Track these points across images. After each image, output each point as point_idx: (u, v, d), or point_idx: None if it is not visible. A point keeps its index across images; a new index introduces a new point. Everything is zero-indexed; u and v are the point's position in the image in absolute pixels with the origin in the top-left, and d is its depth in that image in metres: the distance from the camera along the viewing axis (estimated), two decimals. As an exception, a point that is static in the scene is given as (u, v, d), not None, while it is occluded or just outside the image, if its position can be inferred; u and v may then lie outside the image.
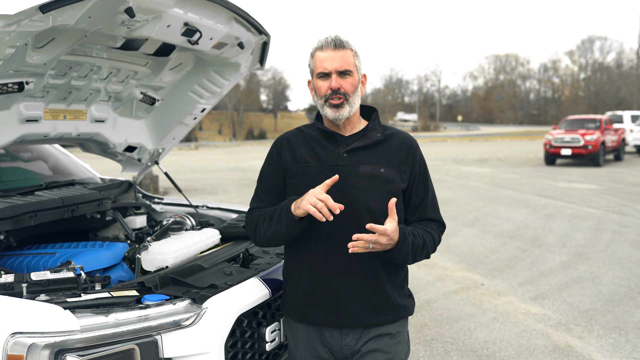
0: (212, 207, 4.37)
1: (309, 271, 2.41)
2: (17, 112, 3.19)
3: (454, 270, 7.55)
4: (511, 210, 12.16)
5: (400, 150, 2.48)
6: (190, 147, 52.35)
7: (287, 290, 2.56)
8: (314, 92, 2.49)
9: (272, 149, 2.59)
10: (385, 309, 2.42)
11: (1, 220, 3.00)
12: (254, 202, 2.60)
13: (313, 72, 2.45)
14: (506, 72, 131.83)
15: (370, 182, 2.38)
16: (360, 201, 2.35)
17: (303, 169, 2.44)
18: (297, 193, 2.35)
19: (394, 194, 2.37)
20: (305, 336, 2.47)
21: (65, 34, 2.73)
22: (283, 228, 2.34)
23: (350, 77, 2.39)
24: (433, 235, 2.46)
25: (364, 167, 2.40)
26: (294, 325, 2.53)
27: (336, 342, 2.42)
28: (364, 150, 2.43)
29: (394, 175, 2.42)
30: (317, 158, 2.44)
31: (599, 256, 8.13)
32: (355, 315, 2.38)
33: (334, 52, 2.37)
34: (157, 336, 2.18)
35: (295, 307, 2.49)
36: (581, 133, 23.21)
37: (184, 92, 3.93)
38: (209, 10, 3.01)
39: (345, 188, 2.34)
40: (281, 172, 2.51)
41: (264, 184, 2.57)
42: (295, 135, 2.58)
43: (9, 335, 1.98)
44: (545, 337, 5.22)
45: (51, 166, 4.60)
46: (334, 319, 2.39)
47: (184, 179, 19.99)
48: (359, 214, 2.34)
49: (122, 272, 3.21)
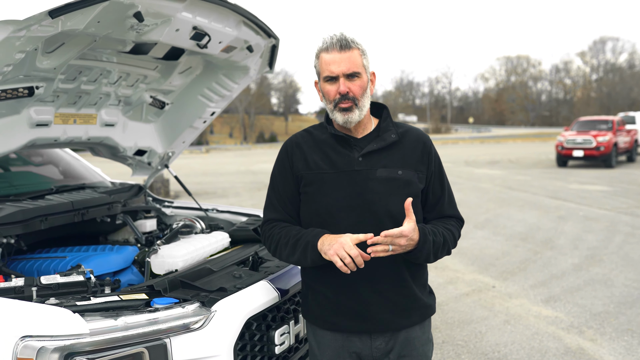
0: (222, 211, 4.37)
1: (334, 280, 2.32)
2: (28, 117, 3.21)
3: (465, 272, 7.52)
4: (523, 212, 12.10)
5: (416, 150, 2.40)
6: (202, 151, 52.56)
7: (310, 299, 2.47)
8: (321, 94, 2.40)
9: (282, 155, 2.49)
10: (412, 310, 2.38)
11: (12, 225, 3.02)
12: (269, 213, 2.49)
13: (319, 75, 2.36)
14: (517, 73, 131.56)
15: (389, 186, 2.31)
16: (381, 207, 2.29)
17: (318, 176, 2.35)
18: (314, 201, 2.34)
19: (414, 196, 2.29)
20: (333, 343, 2.40)
21: (74, 38, 2.74)
22: (308, 262, 2.30)
23: (358, 79, 2.30)
24: (453, 231, 2.41)
25: (381, 170, 2.32)
26: (319, 331, 2.45)
27: (366, 347, 2.36)
28: (379, 152, 2.35)
29: (412, 176, 2.35)
30: (332, 164, 2.35)
31: (611, 258, 8.06)
32: (384, 321, 2.33)
33: (340, 54, 2.27)
34: (166, 339, 2.18)
35: (321, 315, 2.42)
36: (593, 134, 23.07)
37: (193, 96, 3.94)
38: (218, 14, 3.02)
39: (364, 194, 2.28)
40: (293, 180, 2.42)
41: (277, 193, 2.48)
42: (304, 139, 2.48)
43: (19, 339, 1.99)
44: (557, 339, 5.18)
45: (62, 170, 4.62)
46: (363, 326, 2.34)
47: (195, 183, 20.08)
48: (380, 220, 2.27)
49: (132, 275, 3.22)
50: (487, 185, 17.48)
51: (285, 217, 2.45)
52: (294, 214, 2.45)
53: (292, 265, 3.05)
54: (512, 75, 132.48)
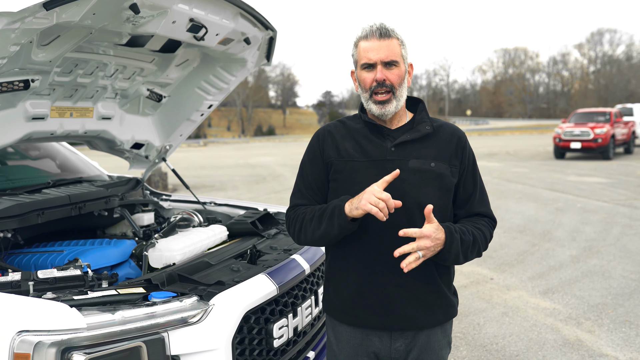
0: (220, 204, 4.36)
1: (357, 271, 2.28)
2: (23, 110, 3.19)
3: (464, 264, 7.51)
4: (521, 204, 12.10)
5: (450, 143, 2.35)
6: (199, 144, 52.51)
7: (331, 291, 2.42)
8: (357, 83, 2.36)
9: (314, 142, 2.44)
10: (436, 306, 2.31)
11: (9, 219, 3.01)
12: (295, 199, 2.45)
13: (357, 63, 2.31)
14: (515, 65, 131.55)
15: (421, 178, 2.25)
16: (411, 198, 2.22)
17: (348, 163, 2.31)
18: (343, 189, 2.28)
19: (445, 190, 2.29)
20: (352, 340, 2.35)
21: (70, 31, 2.72)
22: (335, 230, 2.21)
23: (396, 67, 2.26)
24: (483, 231, 2.33)
25: (414, 161, 2.27)
26: (338, 327, 2.40)
27: (385, 347, 2.30)
28: (412, 143, 2.30)
29: (445, 169, 2.29)
30: (364, 152, 2.31)
31: (609, 250, 8.07)
32: (407, 317, 2.27)
33: (379, 41, 2.23)
34: (163, 333, 2.17)
35: (342, 308, 2.36)
36: (591, 126, 23.07)
37: (190, 89, 3.92)
38: (215, 5, 2.99)
39: (395, 184, 2.18)
40: (323, 167, 2.38)
41: (305, 179, 2.43)
42: (337, 128, 2.43)
43: (16, 334, 1.98)
44: (555, 331, 5.18)
45: (59, 164, 4.60)
46: (384, 321, 2.28)
47: (193, 176, 20.05)
48: (410, 211, 2.21)
49: (129, 269, 3.21)
50: (485, 178, 17.35)
51: (312, 204, 2.39)
52: (321, 201, 2.39)
53: (291, 259, 3.04)
54: (510, 67, 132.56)
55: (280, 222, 3.95)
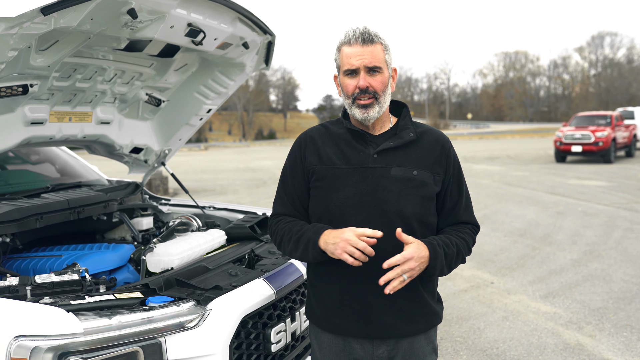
0: (219, 208, 4.36)
1: (338, 280, 2.26)
2: (22, 115, 3.19)
3: (464, 268, 7.51)
4: (521, 208, 12.09)
5: (434, 151, 2.33)
6: (200, 148, 52.57)
7: (313, 299, 2.41)
8: (340, 88, 2.34)
9: (295, 148, 2.42)
10: (418, 316, 2.29)
11: (7, 223, 3.01)
12: (277, 207, 2.45)
13: (340, 68, 2.29)
14: (516, 69, 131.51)
15: (403, 186, 2.23)
16: (392, 206, 2.21)
17: (330, 170, 2.29)
18: (324, 196, 2.28)
19: (427, 198, 2.27)
20: (334, 347, 2.33)
21: (68, 36, 2.73)
22: (309, 258, 2.25)
23: (379, 74, 2.24)
24: (466, 239, 2.34)
25: (396, 169, 2.25)
26: (321, 334, 2.38)
27: (367, 354, 2.28)
28: (395, 150, 2.28)
29: (428, 177, 2.27)
30: (346, 159, 2.29)
31: (610, 254, 8.06)
32: (388, 326, 2.25)
33: (362, 47, 2.20)
34: (161, 338, 2.17)
35: (323, 316, 2.35)
36: (592, 130, 23.06)
37: (189, 93, 3.92)
38: (213, 10, 3.00)
39: (376, 193, 2.21)
40: (304, 175, 2.36)
41: (286, 187, 2.42)
42: (320, 133, 2.41)
43: (13, 339, 1.98)
44: (555, 335, 5.17)
45: (59, 168, 4.61)
46: (365, 329, 2.26)
47: (193, 180, 20.06)
48: (391, 220, 2.20)
49: (128, 273, 3.21)
50: (485, 181, 17.47)
51: (293, 212, 2.40)
52: (301, 210, 2.39)
53: (289, 263, 3.04)
54: (511, 71, 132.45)
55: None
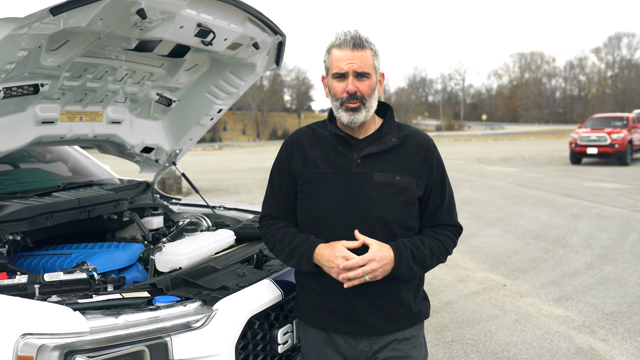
0: (229, 208, 4.36)
1: (322, 280, 2.31)
2: (33, 114, 3.21)
3: (476, 271, 7.48)
4: (535, 210, 12.02)
5: (417, 155, 2.36)
6: (214, 148, 52.75)
7: (300, 295, 2.51)
8: (327, 89, 2.36)
9: (282, 151, 2.49)
10: (398, 316, 2.34)
11: (18, 221, 3.02)
12: (266, 208, 2.53)
13: (328, 70, 2.32)
14: (531, 70, 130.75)
15: (385, 191, 2.27)
16: (374, 212, 2.26)
17: (315, 175, 2.33)
18: (309, 200, 2.34)
19: (409, 203, 2.31)
20: (319, 341, 2.42)
21: (78, 36, 2.74)
22: (302, 269, 2.35)
23: (368, 79, 2.27)
24: (443, 240, 2.36)
25: (379, 174, 2.28)
26: (307, 329, 2.48)
27: (350, 348, 2.36)
28: (378, 156, 2.32)
29: (410, 183, 2.31)
30: (330, 163, 2.33)
31: (624, 257, 7.99)
32: (369, 325, 2.31)
33: (352, 52, 2.23)
34: (167, 338, 2.17)
35: (308, 312, 2.44)
36: (608, 131, 22.89)
37: (200, 93, 3.93)
38: (223, 10, 2.99)
39: (359, 198, 2.26)
40: (290, 177, 2.42)
41: (274, 189, 2.49)
42: (306, 136, 2.45)
43: (20, 336, 1.99)
44: (568, 339, 5.14)
45: (71, 167, 4.63)
46: (347, 327, 2.33)
47: (207, 179, 20.14)
48: (372, 225, 2.26)
49: (137, 272, 3.22)
50: (499, 183, 17.38)
51: (281, 214, 2.48)
52: (289, 211, 2.46)
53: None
54: (526, 71, 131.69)
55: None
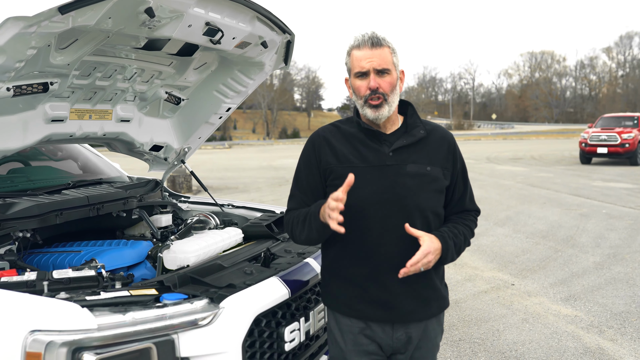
0: (238, 206, 4.38)
1: (361, 270, 2.40)
2: (43, 112, 3.23)
3: (484, 270, 7.46)
4: (544, 210, 11.97)
5: (442, 147, 2.50)
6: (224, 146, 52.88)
7: (334, 285, 2.54)
8: (351, 90, 2.46)
9: (309, 148, 2.55)
10: (432, 300, 2.48)
11: (28, 219, 3.05)
12: (291, 203, 2.59)
13: (350, 71, 2.43)
14: (542, 69, 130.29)
15: (420, 181, 2.39)
16: (411, 201, 2.37)
17: (348, 169, 2.37)
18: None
19: (439, 192, 2.45)
20: (355, 330, 2.47)
21: (87, 34, 2.75)
22: (314, 233, 2.39)
23: (388, 75, 2.36)
24: (471, 225, 2.56)
25: (412, 165, 2.40)
26: (342, 319, 2.51)
27: (387, 337, 2.44)
28: (408, 148, 2.43)
29: (439, 172, 2.44)
30: (362, 158, 2.42)
31: (634, 257, 7.95)
32: (408, 311, 2.42)
33: (371, 50, 2.34)
34: (174, 335, 2.18)
35: (346, 302, 2.48)
36: (618, 131, 22.77)
37: (209, 92, 3.94)
38: (231, 9, 3.01)
39: (396, 188, 2.36)
40: (319, 173, 2.49)
41: (300, 185, 2.56)
42: (332, 133, 2.53)
43: (28, 333, 2.01)
44: (576, 339, 5.12)
45: (81, 165, 4.66)
46: (387, 315, 2.42)
47: (217, 178, 20.19)
48: (410, 214, 2.36)
49: (145, 270, 3.24)
50: (508, 182, 17.33)
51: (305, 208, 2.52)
52: None
53: (304, 263, 3.05)
54: (536, 71, 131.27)
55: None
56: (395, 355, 2.49)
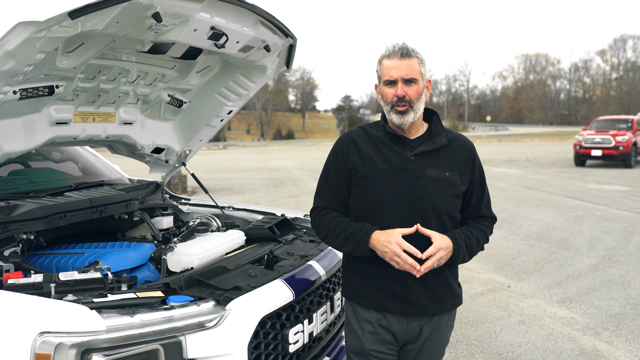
0: (238, 208, 4.40)
1: (381, 265, 2.50)
2: (48, 115, 3.25)
3: (480, 272, 7.50)
4: (539, 212, 12.03)
5: (462, 155, 2.64)
6: (219, 147, 52.79)
7: (355, 278, 2.68)
8: (380, 96, 2.62)
9: (338, 148, 2.70)
10: (446, 297, 2.63)
11: (32, 221, 3.07)
12: (319, 200, 2.74)
13: (380, 79, 2.58)
14: (536, 72, 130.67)
15: (437, 185, 2.53)
16: (429, 203, 2.51)
17: (372, 170, 2.56)
18: (366, 193, 2.56)
19: (456, 196, 2.59)
20: (372, 319, 2.62)
21: (94, 38, 2.78)
22: (357, 254, 2.55)
23: (415, 84, 2.52)
24: (485, 231, 2.68)
25: (431, 170, 2.54)
26: (360, 309, 2.67)
27: (402, 328, 2.60)
28: (429, 154, 2.57)
29: (457, 178, 2.58)
30: (386, 160, 2.57)
31: (628, 259, 8.00)
32: (423, 306, 2.57)
33: (400, 60, 2.49)
34: (181, 337, 2.21)
35: (366, 294, 2.62)
36: (612, 134, 22.86)
37: (211, 95, 3.97)
38: (235, 14, 3.04)
39: (415, 190, 2.51)
40: (346, 173, 2.63)
41: (329, 183, 2.70)
42: (360, 135, 2.69)
43: (37, 335, 2.02)
44: (572, 341, 5.16)
45: (81, 167, 4.67)
46: (403, 308, 2.57)
47: (212, 179, 20.17)
48: (426, 215, 2.51)
49: (148, 272, 3.25)
50: (503, 184, 17.39)
51: (334, 206, 2.68)
52: (342, 204, 2.68)
53: (307, 265, 3.07)
54: (531, 73, 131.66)
55: (298, 227, 3.98)
56: (407, 345, 2.66)
